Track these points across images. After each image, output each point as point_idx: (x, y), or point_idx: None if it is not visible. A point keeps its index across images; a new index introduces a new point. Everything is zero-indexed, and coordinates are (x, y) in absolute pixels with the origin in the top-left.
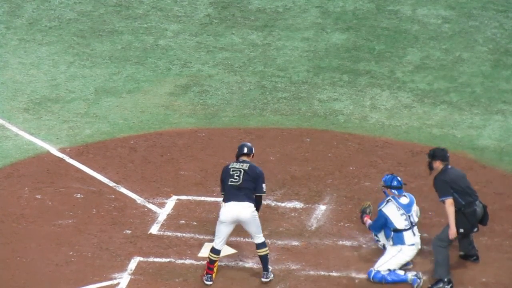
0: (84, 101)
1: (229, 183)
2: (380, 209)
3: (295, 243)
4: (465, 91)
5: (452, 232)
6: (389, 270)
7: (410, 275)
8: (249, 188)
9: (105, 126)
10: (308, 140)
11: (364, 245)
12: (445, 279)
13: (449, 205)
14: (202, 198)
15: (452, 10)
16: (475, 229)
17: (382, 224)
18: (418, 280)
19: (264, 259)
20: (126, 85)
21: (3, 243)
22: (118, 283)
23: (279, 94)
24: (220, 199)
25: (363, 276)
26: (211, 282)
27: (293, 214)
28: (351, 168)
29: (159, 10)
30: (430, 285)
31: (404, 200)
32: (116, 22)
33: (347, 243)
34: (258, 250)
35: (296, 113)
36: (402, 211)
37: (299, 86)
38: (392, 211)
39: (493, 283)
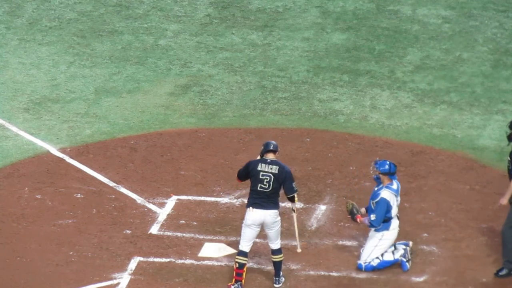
0: (84, 101)
1: (259, 189)
2: (381, 197)
3: (295, 243)
4: (465, 91)
5: (504, 201)
6: (378, 259)
7: (399, 255)
8: (277, 194)
9: (105, 126)
10: (308, 140)
11: (364, 245)
12: (510, 267)
13: None
14: (202, 198)
15: (452, 10)
16: None
17: (385, 211)
18: (407, 265)
19: (278, 265)
20: (126, 85)
21: (3, 243)
22: (118, 283)
23: (279, 94)
24: (220, 199)
25: (363, 276)
26: None
27: (293, 214)
28: (351, 168)
29: (159, 10)
30: (495, 271)
31: (395, 185)
32: (116, 22)
33: (347, 243)
34: (274, 256)
35: (296, 113)
36: (396, 198)
37: (299, 86)
38: (390, 197)
39: (493, 283)
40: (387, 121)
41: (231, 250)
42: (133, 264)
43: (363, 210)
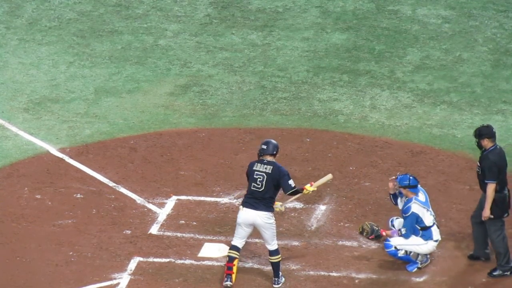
0: (84, 101)
1: (252, 188)
2: (412, 211)
3: (295, 243)
4: (465, 91)
5: (486, 213)
6: (406, 253)
7: (419, 259)
8: (270, 196)
9: (105, 126)
10: (308, 140)
11: (364, 245)
12: (504, 269)
13: (492, 190)
14: (202, 198)
15: (452, 10)
16: (506, 215)
17: (414, 223)
18: (415, 268)
19: (276, 266)
20: (126, 85)
21: (3, 243)
22: (118, 283)
23: (279, 94)
24: (220, 199)
25: (363, 276)
26: (231, 283)
27: (293, 214)
28: (351, 168)
29: (159, 10)
30: (488, 272)
31: (421, 197)
32: (116, 22)
33: (347, 243)
34: (271, 257)
35: (296, 113)
36: (426, 208)
37: (299, 86)
38: (420, 210)
39: (493, 283)
40: (387, 121)
41: None
42: (133, 264)
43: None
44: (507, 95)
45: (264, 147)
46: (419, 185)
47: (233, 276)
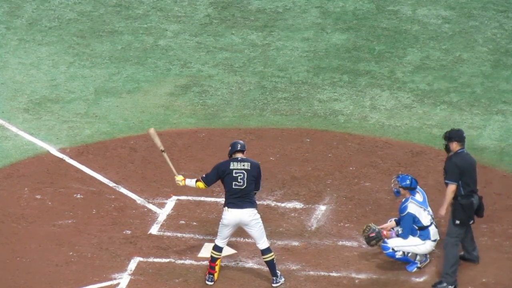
0: (84, 101)
1: (234, 187)
2: (408, 212)
3: (295, 243)
4: (465, 91)
5: (442, 211)
6: (404, 254)
7: (418, 259)
8: (252, 192)
9: (105, 126)
10: (308, 140)
11: (364, 245)
12: (450, 280)
13: (451, 191)
14: (202, 198)
15: (452, 10)
16: (471, 221)
17: (411, 223)
18: (415, 267)
19: (270, 265)
20: (126, 85)
21: (3, 243)
22: (118, 284)
23: (279, 94)
24: (220, 199)
25: (363, 276)
26: (212, 283)
27: (293, 214)
28: (351, 168)
29: (159, 10)
30: (433, 284)
31: (419, 197)
32: (116, 22)
33: (347, 243)
34: (264, 256)
35: (296, 113)
36: (423, 208)
37: (299, 86)
38: (416, 210)
39: (493, 283)
40: (387, 121)
41: (231, 250)
42: (133, 265)
43: (392, 223)
44: (507, 95)
45: (230, 148)
46: (418, 186)
47: (216, 275)
